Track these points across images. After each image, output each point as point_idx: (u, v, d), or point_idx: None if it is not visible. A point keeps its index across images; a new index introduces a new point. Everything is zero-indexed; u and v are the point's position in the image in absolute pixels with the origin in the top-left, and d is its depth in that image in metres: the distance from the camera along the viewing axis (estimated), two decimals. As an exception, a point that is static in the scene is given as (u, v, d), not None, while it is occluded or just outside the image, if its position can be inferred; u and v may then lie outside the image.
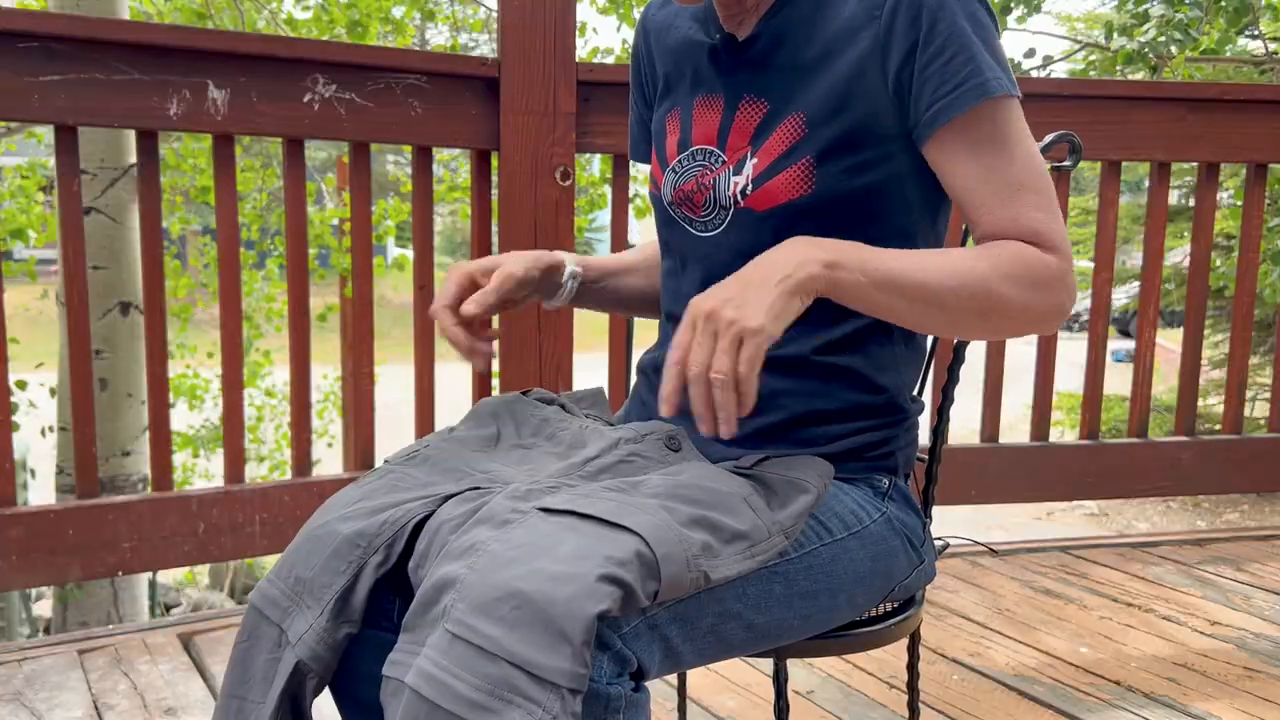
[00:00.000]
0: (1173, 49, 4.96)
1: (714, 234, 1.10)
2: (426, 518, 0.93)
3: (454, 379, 3.34)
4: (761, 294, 0.87)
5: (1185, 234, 7.31)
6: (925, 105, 1.00)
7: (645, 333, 1.47)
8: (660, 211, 1.17)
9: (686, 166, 1.12)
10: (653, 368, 1.17)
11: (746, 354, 0.85)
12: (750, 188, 1.05)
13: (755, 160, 1.05)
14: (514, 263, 1.11)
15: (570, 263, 1.19)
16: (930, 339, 1.20)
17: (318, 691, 0.94)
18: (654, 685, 1.79)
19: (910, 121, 1.02)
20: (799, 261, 0.89)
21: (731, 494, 0.93)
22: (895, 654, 1.96)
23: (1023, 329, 0.99)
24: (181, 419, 7.48)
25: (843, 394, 1.07)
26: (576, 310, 1.49)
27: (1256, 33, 5.91)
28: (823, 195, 1.02)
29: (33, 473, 5.83)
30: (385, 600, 1.00)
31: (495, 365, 2.26)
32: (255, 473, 7.34)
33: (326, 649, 0.91)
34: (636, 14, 6.51)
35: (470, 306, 1.05)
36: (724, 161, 1.08)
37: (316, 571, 0.92)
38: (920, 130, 1.01)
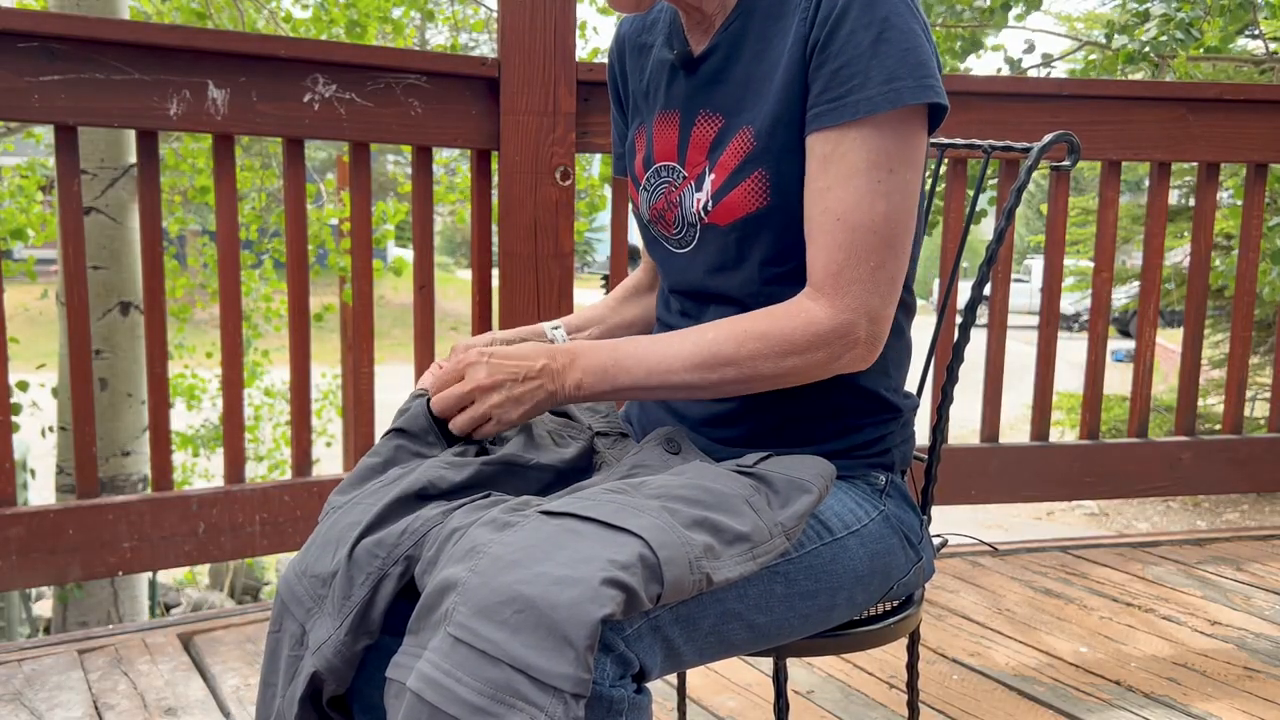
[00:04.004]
0: (1175, 47, 4.96)
1: (686, 251, 1.11)
2: None
3: (454, 379, 3.35)
4: (524, 405, 1.03)
5: (1185, 234, 7.31)
6: (810, 104, 0.99)
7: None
8: (642, 229, 1.18)
9: (654, 184, 1.12)
10: None
11: (487, 431, 1.05)
12: (711, 203, 1.05)
13: (713, 175, 1.05)
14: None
15: (551, 328, 1.25)
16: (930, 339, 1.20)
17: (337, 693, 0.94)
18: (654, 685, 1.78)
19: None
20: (558, 390, 1.03)
21: (733, 495, 0.93)
22: (895, 654, 1.96)
23: (804, 382, 1.01)
24: (180, 419, 7.48)
25: (835, 394, 1.07)
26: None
27: (1256, 32, 5.91)
28: (780, 205, 1.02)
29: (33, 473, 5.83)
30: (403, 607, 0.99)
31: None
32: (253, 472, 7.34)
33: (343, 661, 0.91)
34: (636, 14, 6.49)
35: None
36: (685, 177, 1.09)
37: (339, 579, 0.92)
38: (805, 131, 1.00)
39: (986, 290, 1.27)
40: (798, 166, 1.01)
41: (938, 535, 1.26)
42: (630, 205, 1.21)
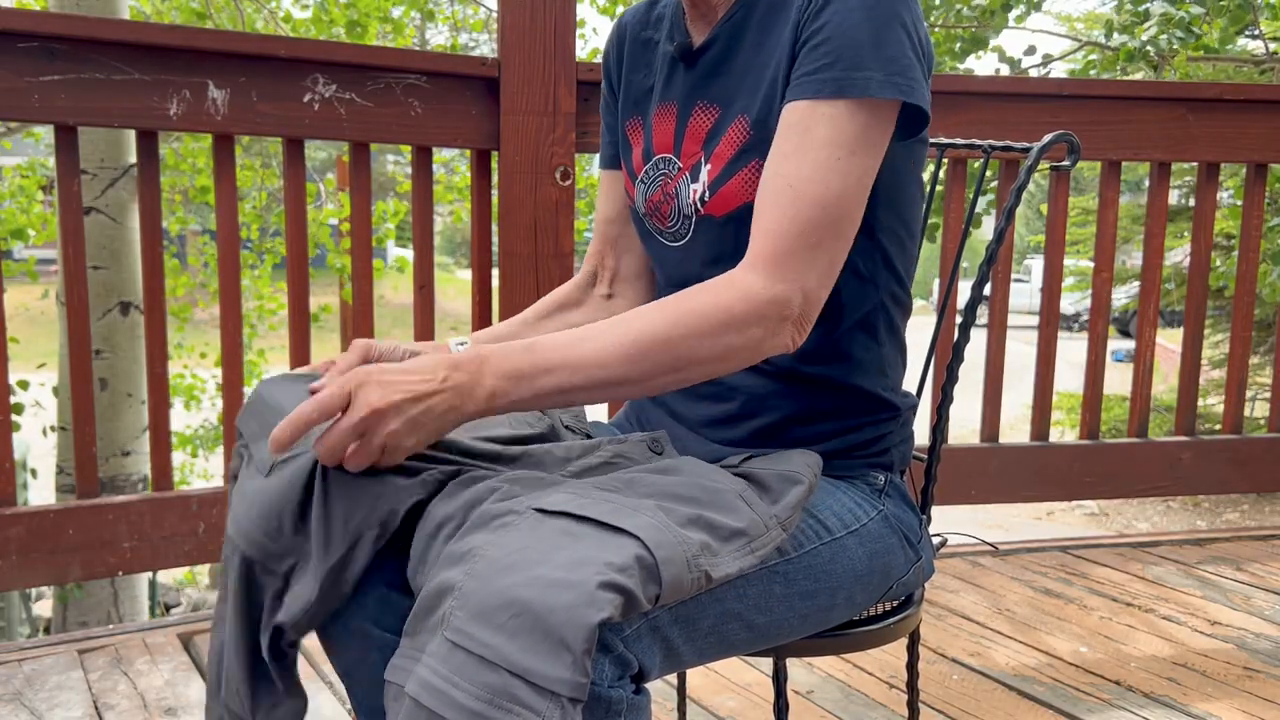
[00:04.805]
0: (1174, 47, 4.96)
1: (681, 244, 1.10)
2: (419, 504, 0.91)
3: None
4: (422, 430, 0.88)
5: (1185, 234, 7.31)
6: (792, 76, 0.98)
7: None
8: (637, 224, 1.17)
9: (651, 177, 1.12)
10: None
11: (391, 461, 0.88)
12: (707, 194, 1.05)
13: (709, 166, 1.05)
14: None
15: (456, 346, 1.12)
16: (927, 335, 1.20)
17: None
18: (654, 685, 1.78)
19: None
20: (468, 401, 0.88)
21: (727, 491, 0.93)
22: (895, 654, 1.96)
23: (735, 367, 0.96)
24: (179, 419, 7.48)
25: (834, 394, 1.07)
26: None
27: (1256, 33, 5.91)
28: None
29: (33, 473, 5.83)
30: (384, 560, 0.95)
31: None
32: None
33: (309, 622, 0.92)
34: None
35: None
36: (680, 168, 1.08)
37: (316, 539, 0.90)
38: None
39: (986, 290, 1.27)
40: None
41: (937, 535, 1.26)
42: (626, 199, 1.19)
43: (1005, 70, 5.86)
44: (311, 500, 0.90)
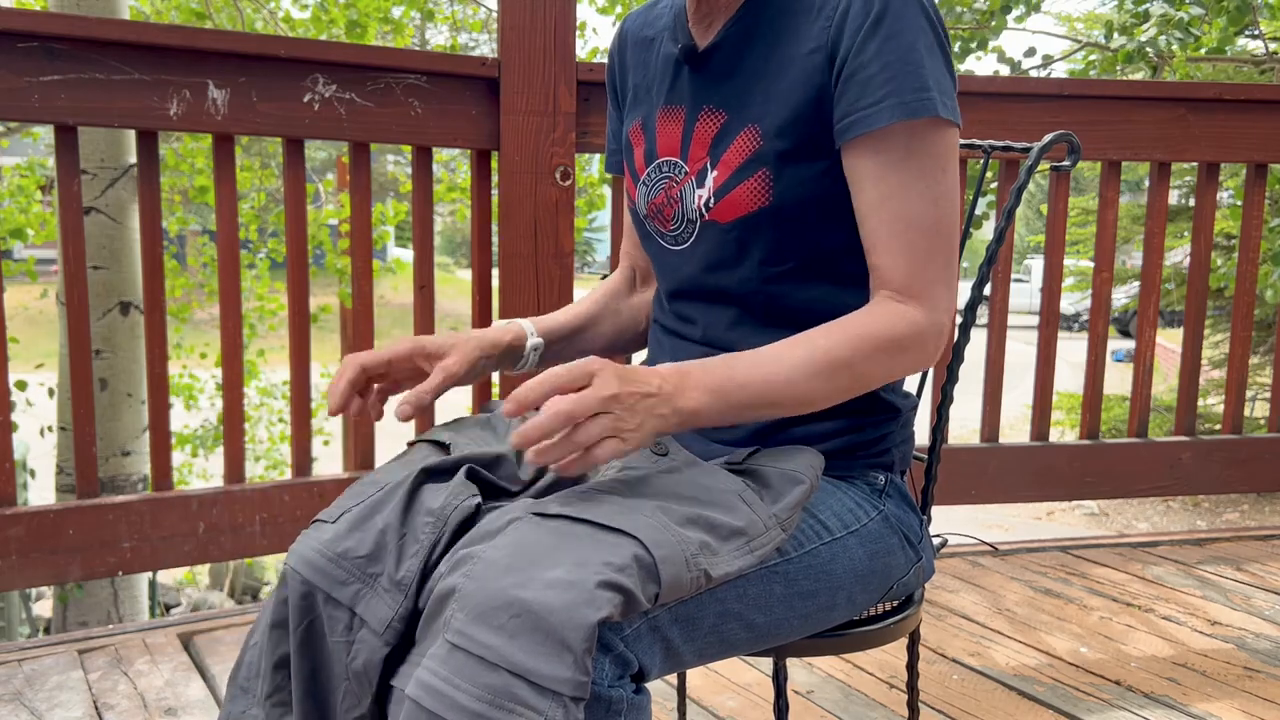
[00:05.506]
0: (1174, 47, 4.96)
1: (683, 248, 1.10)
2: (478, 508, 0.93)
3: (454, 379, 3.34)
4: (647, 425, 0.89)
5: (1185, 234, 7.31)
6: (843, 112, 0.99)
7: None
8: (638, 225, 1.17)
9: (654, 179, 1.12)
10: None
11: (608, 451, 0.87)
12: (712, 200, 1.05)
13: (715, 172, 1.05)
14: (459, 359, 1.05)
15: (532, 334, 1.16)
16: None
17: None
18: (654, 685, 1.79)
19: (832, 123, 1.00)
20: (672, 412, 0.90)
21: (726, 491, 0.93)
22: (895, 654, 1.96)
23: (884, 384, 1.03)
24: (178, 419, 7.48)
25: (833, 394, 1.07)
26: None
27: (1256, 33, 5.92)
28: (782, 205, 1.02)
29: (33, 473, 5.83)
30: None
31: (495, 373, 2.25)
32: (251, 471, 7.35)
33: (398, 638, 0.89)
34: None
35: (405, 409, 0.98)
36: (686, 173, 1.08)
37: (390, 553, 0.90)
38: (836, 137, 1.00)
39: (986, 290, 1.27)
40: (805, 168, 1.01)
41: (937, 535, 1.26)
42: (627, 199, 1.20)
43: (1005, 71, 5.85)
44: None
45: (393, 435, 2.04)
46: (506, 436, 1.06)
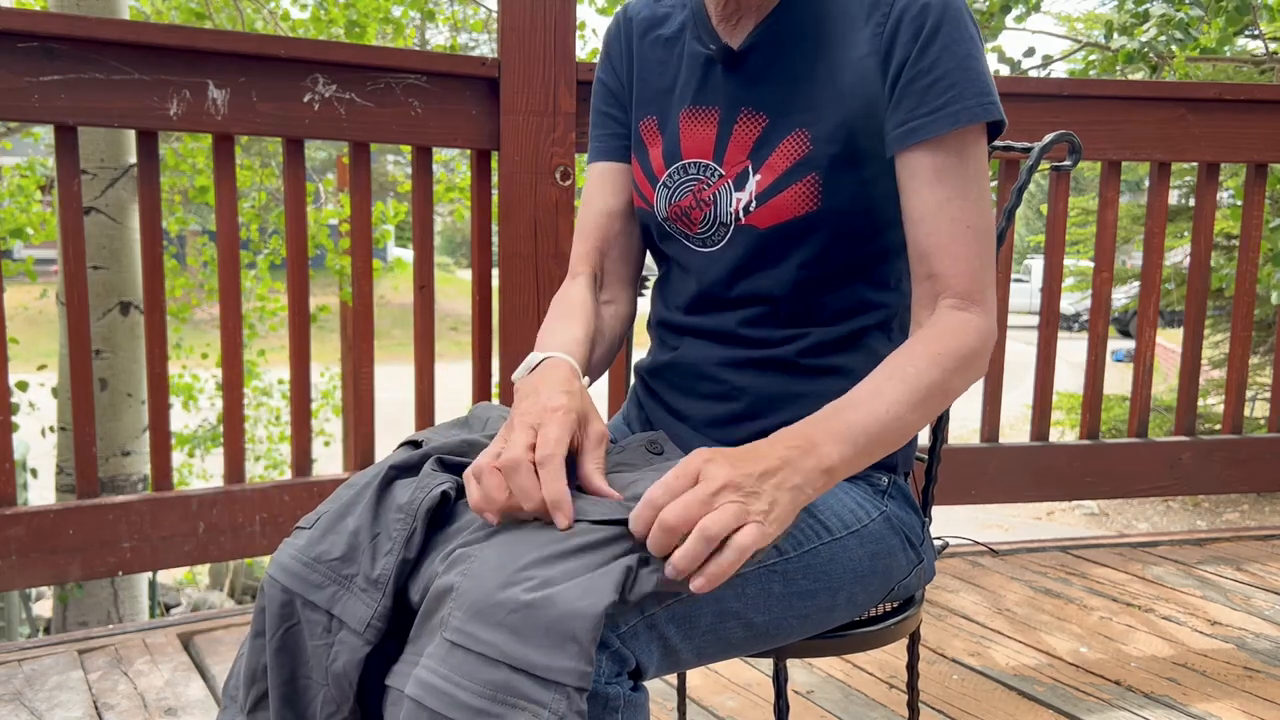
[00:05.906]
0: (1173, 48, 4.96)
1: (712, 250, 1.09)
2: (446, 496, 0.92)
3: (454, 379, 3.35)
4: (782, 500, 0.83)
5: (1185, 234, 7.31)
6: (901, 119, 1.00)
7: (644, 336, 1.47)
8: (654, 225, 1.14)
9: (679, 180, 1.10)
10: (649, 372, 1.17)
11: (750, 537, 0.79)
12: (754, 204, 1.05)
13: (758, 176, 1.04)
14: (558, 442, 0.89)
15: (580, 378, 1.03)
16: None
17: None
18: (654, 685, 1.78)
19: (885, 129, 1.01)
20: (810, 477, 0.86)
21: None
22: (895, 654, 1.96)
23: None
24: (177, 419, 7.48)
25: (837, 395, 1.07)
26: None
27: (1256, 33, 5.92)
28: (830, 211, 1.02)
29: (33, 473, 5.83)
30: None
31: (495, 371, 2.26)
32: (250, 470, 7.36)
33: (378, 635, 0.88)
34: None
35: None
36: (721, 175, 1.07)
37: (364, 552, 0.89)
38: (890, 143, 1.01)
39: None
40: (853, 173, 1.02)
41: (939, 538, 1.26)
42: (636, 198, 1.17)
43: (1005, 71, 5.85)
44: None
45: (394, 436, 2.04)
46: (481, 432, 1.06)
